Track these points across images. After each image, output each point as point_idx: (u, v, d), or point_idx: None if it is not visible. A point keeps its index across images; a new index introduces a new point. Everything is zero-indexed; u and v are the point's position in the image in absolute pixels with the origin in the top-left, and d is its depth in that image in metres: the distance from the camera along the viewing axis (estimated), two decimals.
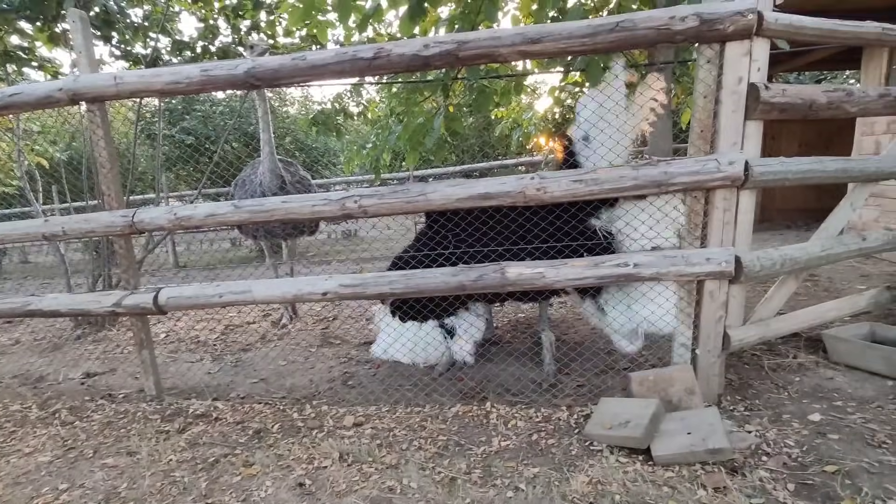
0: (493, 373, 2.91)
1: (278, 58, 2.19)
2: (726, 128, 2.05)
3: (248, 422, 2.50)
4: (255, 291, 2.47)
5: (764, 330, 2.35)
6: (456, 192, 2.20)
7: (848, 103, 2.22)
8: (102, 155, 2.48)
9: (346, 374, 3.14)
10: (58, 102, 2.43)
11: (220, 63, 2.23)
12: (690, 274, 2.14)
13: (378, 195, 2.26)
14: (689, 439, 1.90)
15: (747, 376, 2.57)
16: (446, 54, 2.08)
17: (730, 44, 1.99)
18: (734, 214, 2.13)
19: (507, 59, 2.11)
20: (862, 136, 5.88)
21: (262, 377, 3.17)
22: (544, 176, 2.14)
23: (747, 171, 2.03)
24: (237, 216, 2.38)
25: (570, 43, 2.01)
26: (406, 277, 2.35)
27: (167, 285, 2.64)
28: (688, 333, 2.25)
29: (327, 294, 2.41)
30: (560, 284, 2.23)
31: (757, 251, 2.18)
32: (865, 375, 2.48)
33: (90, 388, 3.16)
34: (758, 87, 1.99)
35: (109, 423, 2.61)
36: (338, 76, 2.21)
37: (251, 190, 3.80)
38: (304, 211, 2.32)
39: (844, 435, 2.00)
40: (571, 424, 2.24)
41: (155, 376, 2.82)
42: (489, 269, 2.28)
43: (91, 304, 2.64)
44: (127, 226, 2.47)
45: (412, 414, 2.45)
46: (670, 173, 2.06)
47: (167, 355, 3.71)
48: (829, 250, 2.37)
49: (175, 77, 2.27)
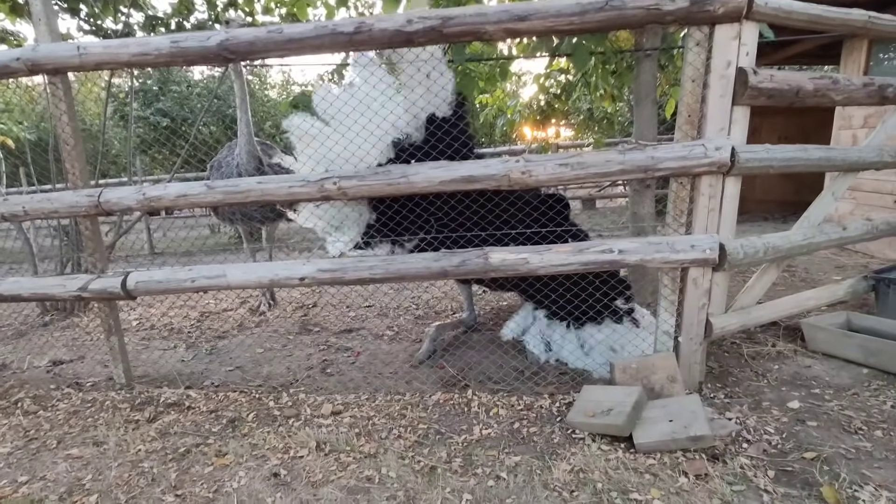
0: (474, 360, 2.87)
1: (253, 30, 2.09)
2: (714, 113, 2.02)
3: (221, 410, 2.42)
4: (230, 276, 2.38)
5: (745, 318, 2.35)
6: (439, 175, 2.13)
7: (833, 91, 2.21)
8: (66, 130, 2.35)
9: (324, 361, 3.07)
10: (15, 73, 2.28)
11: (192, 34, 2.12)
12: (675, 261, 2.12)
13: (358, 176, 2.18)
14: (670, 427, 1.89)
15: (727, 364, 2.58)
16: (430, 30, 2.00)
17: (719, 26, 1.95)
18: (719, 201, 2.11)
19: (494, 36, 2.04)
20: (840, 129, 5.97)
21: (238, 365, 3.08)
22: (529, 159, 2.08)
23: (734, 158, 2.00)
24: (211, 197, 2.28)
25: (557, 21, 1.95)
26: (387, 262, 2.29)
27: (136, 269, 2.53)
28: (671, 321, 2.24)
29: (305, 279, 2.33)
30: (544, 271, 2.19)
31: (740, 239, 2.17)
32: (842, 363, 2.51)
33: (56, 377, 3.03)
34: (746, 72, 1.96)
35: (76, 413, 2.50)
36: (316, 51, 2.12)
37: (227, 172, 3.67)
38: (281, 192, 2.23)
39: (822, 422, 2.02)
40: (554, 412, 2.22)
41: (124, 364, 2.71)
42: (472, 255, 2.22)
43: (55, 289, 2.51)
44: (93, 206, 2.34)
45: (392, 402, 2.40)
46: (657, 158, 2.02)
47: (139, 343, 3.58)
48: (811, 239, 2.37)
49: (143, 48, 2.14)
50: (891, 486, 1.63)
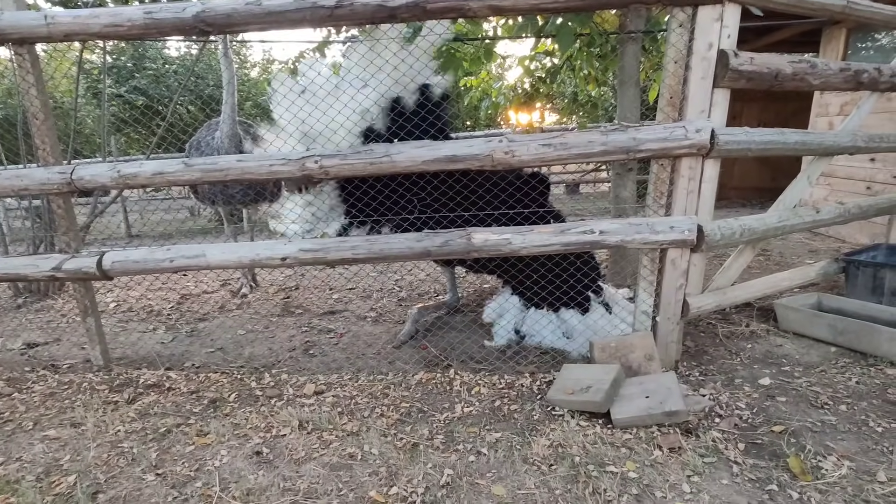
0: (457, 341, 2.89)
1: (231, 2, 2.02)
2: (695, 95, 2.04)
3: (203, 391, 2.41)
4: (210, 256, 2.35)
5: (721, 298, 2.41)
6: (422, 154, 2.12)
7: (811, 75, 2.25)
8: (34, 104, 2.26)
9: (307, 342, 3.07)
10: None
11: (167, 5, 2.05)
12: (654, 242, 2.15)
13: (340, 155, 2.15)
14: (647, 402, 1.94)
15: (703, 343, 2.65)
16: (413, 6, 1.96)
17: (702, 7, 1.96)
18: (698, 183, 2.14)
19: (478, 13, 2.01)
20: (817, 116, 6.09)
21: (220, 346, 3.05)
22: (513, 139, 2.08)
23: (713, 140, 2.03)
24: (188, 175, 2.23)
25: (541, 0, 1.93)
26: (369, 242, 2.28)
27: (112, 248, 2.47)
28: (649, 301, 2.28)
29: (287, 259, 2.31)
30: (526, 251, 2.21)
31: (718, 221, 2.21)
32: (812, 342, 2.59)
33: (31, 359, 2.97)
34: (727, 54, 1.98)
35: (52, 395, 2.46)
36: (297, 24, 2.07)
37: (207, 153, 3.59)
38: (262, 171, 2.20)
39: (791, 398, 2.09)
40: (534, 391, 2.26)
41: (102, 345, 2.66)
42: (455, 235, 2.23)
43: (28, 269, 2.44)
44: (65, 183, 2.28)
45: (375, 382, 2.41)
46: (639, 139, 2.04)
47: (116, 325, 3.52)
48: (786, 222, 2.43)
49: (115, 19, 2.06)
50: (852, 456, 1.71)
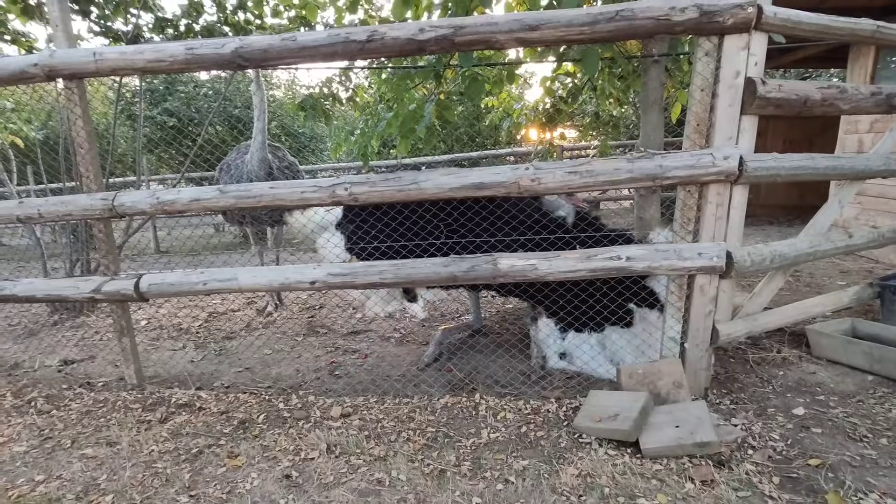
0: (481, 364, 2.90)
1: (267, 38, 2.12)
2: (722, 122, 2.04)
3: (232, 412, 2.46)
4: (241, 279, 2.41)
5: (751, 324, 2.37)
6: (449, 182, 2.16)
7: (841, 100, 2.23)
8: (80, 135, 2.38)
9: (332, 363, 3.10)
10: (32, 78, 2.31)
11: (206, 41, 2.15)
12: (682, 268, 2.14)
13: (369, 183, 2.21)
14: (676, 432, 1.92)
15: (733, 370, 2.60)
16: (442, 39, 2.02)
17: (728, 37, 1.97)
18: (727, 209, 2.13)
19: (504, 45, 2.06)
20: (846, 133, 5.97)
21: (248, 366, 3.11)
22: (539, 167, 2.11)
23: (741, 167, 2.02)
24: (223, 202, 2.31)
25: (568, 31, 1.97)
26: (396, 267, 2.31)
27: (149, 272, 2.56)
28: (677, 327, 2.26)
29: (315, 283, 2.36)
30: (552, 277, 2.22)
31: (747, 247, 2.19)
32: (847, 370, 2.52)
33: (68, 376, 3.07)
34: (755, 82, 1.98)
35: (88, 412, 2.54)
36: (329, 58, 2.14)
37: (237, 175, 3.70)
38: (293, 198, 2.26)
39: (827, 429, 2.04)
40: (560, 417, 2.25)
41: (136, 364, 2.74)
42: (481, 260, 2.25)
43: (69, 290, 2.55)
44: (107, 209, 2.38)
45: (400, 405, 2.43)
46: (665, 167, 2.04)
47: (148, 343, 3.63)
48: (817, 247, 2.39)
49: (158, 55, 2.17)
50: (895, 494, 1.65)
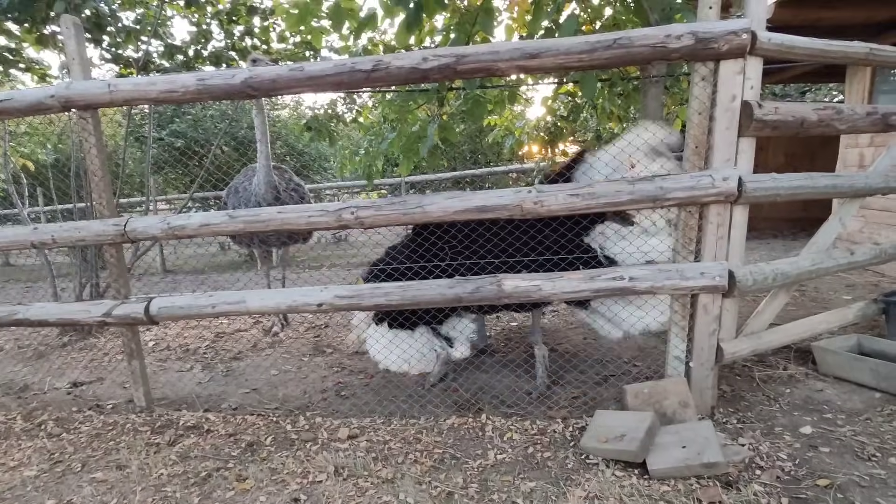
0: (487, 384, 2.91)
1: (276, 68, 2.19)
2: (720, 144, 2.08)
3: (240, 434, 2.47)
4: (249, 302, 2.45)
5: (756, 343, 2.38)
6: (453, 205, 2.20)
7: (837, 121, 2.27)
8: (94, 163, 2.45)
9: (339, 383, 3.12)
10: (49, 109, 2.39)
11: (217, 72, 2.22)
12: (685, 288, 2.16)
13: (375, 207, 2.25)
14: (683, 453, 1.92)
15: (739, 388, 2.60)
16: (445, 68, 2.09)
17: (724, 62, 2.02)
18: (727, 229, 2.16)
19: (506, 73, 2.13)
20: (846, 147, 6.01)
21: (255, 387, 3.13)
22: (542, 189, 2.15)
23: (741, 187, 2.06)
24: (232, 226, 2.36)
25: (567, 59, 2.03)
26: (402, 289, 2.35)
27: (159, 295, 2.60)
28: (682, 346, 2.27)
29: (322, 305, 2.39)
30: (556, 297, 2.24)
31: (749, 266, 2.21)
32: (854, 387, 2.52)
33: (77, 399, 3.10)
34: (751, 105, 2.03)
35: (98, 435, 2.55)
36: (336, 88, 2.21)
37: (245, 198, 3.77)
38: (301, 222, 2.31)
39: (835, 448, 2.03)
40: (567, 437, 2.25)
41: (145, 387, 2.77)
42: (486, 282, 2.28)
43: (80, 314, 2.59)
44: (119, 234, 2.43)
45: (407, 426, 2.44)
46: (665, 188, 2.08)
47: (156, 364, 3.65)
48: (819, 265, 2.41)
49: (170, 86, 2.24)
50: None
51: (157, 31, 4.66)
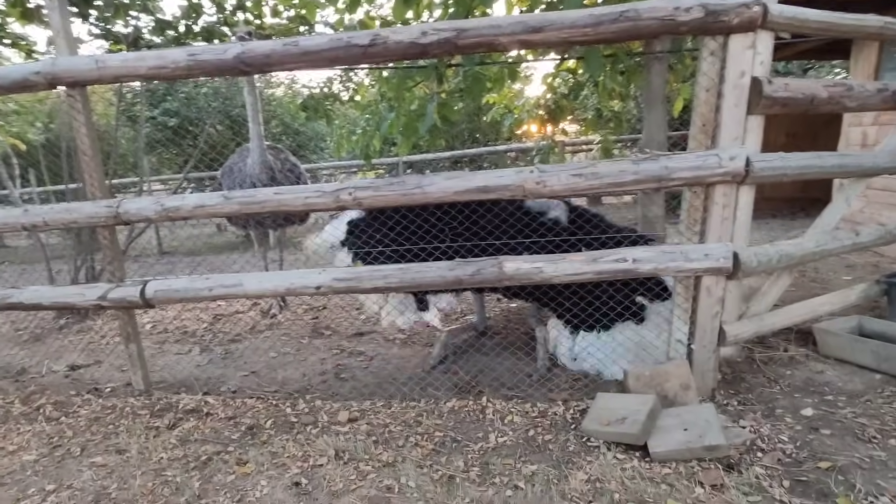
0: (487, 366, 2.90)
1: (269, 42, 2.10)
2: (728, 122, 2.03)
3: (240, 417, 2.46)
4: (247, 285, 2.41)
5: (758, 325, 2.37)
6: (453, 185, 2.15)
7: (847, 98, 2.21)
8: (84, 142, 2.38)
9: (338, 366, 3.11)
10: (35, 86, 2.31)
11: (209, 47, 2.14)
12: (689, 270, 2.13)
13: (373, 187, 2.20)
14: (685, 436, 1.91)
15: (740, 369, 2.59)
16: (445, 42, 2.01)
17: (734, 36, 1.95)
18: (733, 210, 2.12)
19: (507, 48, 2.05)
20: (849, 126, 5.93)
21: (253, 370, 3.12)
22: (543, 169, 2.10)
23: (748, 167, 2.01)
24: (228, 208, 2.31)
25: (572, 32, 1.95)
26: (402, 271, 2.31)
27: (154, 277, 2.56)
28: (684, 329, 2.25)
29: (321, 288, 2.36)
30: (558, 279, 2.21)
31: (754, 248, 2.18)
32: (854, 368, 2.51)
33: (75, 382, 3.08)
34: (761, 82, 1.96)
35: (97, 419, 2.54)
36: (331, 63, 2.13)
37: (240, 179, 3.70)
38: (297, 203, 2.26)
39: (836, 430, 2.03)
40: (568, 419, 2.24)
41: (143, 370, 2.75)
42: (486, 264, 2.24)
43: (75, 298, 2.55)
44: (112, 216, 2.38)
45: (407, 409, 2.43)
46: (671, 168, 2.03)
47: (154, 347, 3.63)
48: (823, 246, 2.38)
49: (160, 62, 2.16)
50: None
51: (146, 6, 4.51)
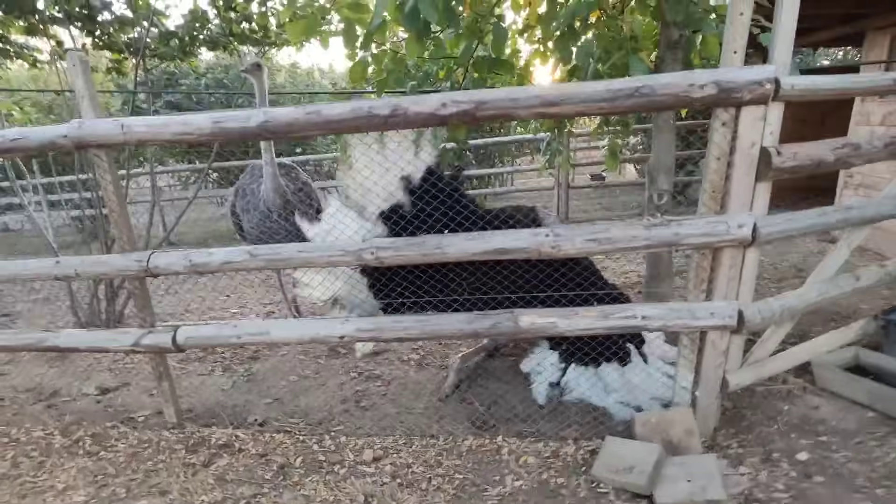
0: (500, 394, 3.05)
1: (292, 111, 2.15)
2: (737, 190, 2.10)
3: (270, 454, 2.63)
4: (273, 333, 2.54)
5: (759, 371, 2.50)
6: (471, 247, 2.24)
7: (855, 156, 2.28)
8: (112, 199, 2.45)
9: (357, 392, 3.26)
10: (62, 147, 2.37)
11: (233, 115, 2.19)
12: (695, 327, 2.25)
13: (394, 247, 2.29)
14: (689, 487, 2.07)
15: (740, 403, 2.73)
16: (463, 114, 2.06)
17: (745, 108, 2.00)
18: (739, 270, 2.21)
19: (524, 118, 2.11)
20: (857, 125, 5.94)
21: (277, 397, 3.27)
22: (559, 234, 2.18)
23: (755, 233, 2.09)
24: (254, 263, 2.41)
25: (588, 106, 2.01)
26: (421, 323, 2.43)
27: (185, 323, 2.68)
28: (689, 377, 2.38)
29: (344, 337, 2.48)
30: (571, 333, 2.33)
31: (758, 303, 2.29)
32: (849, 404, 2.65)
33: (108, 409, 3.25)
34: (770, 153, 2.03)
35: (135, 454, 2.71)
36: (353, 130, 2.20)
37: (253, 204, 3.78)
38: (321, 261, 2.36)
39: (828, 477, 2.18)
40: (579, 461, 2.40)
41: (175, 405, 2.91)
42: (503, 318, 2.36)
43: (109, 343, 2.68)
44: (142, 270, 2.48)
45: (427, 447, 2.59)
46: (681, 234, 2.12)
47: (178, 367, 3.78)
48: (825, 294, 2.48)
49: (185, 128, 2.22)
50: None
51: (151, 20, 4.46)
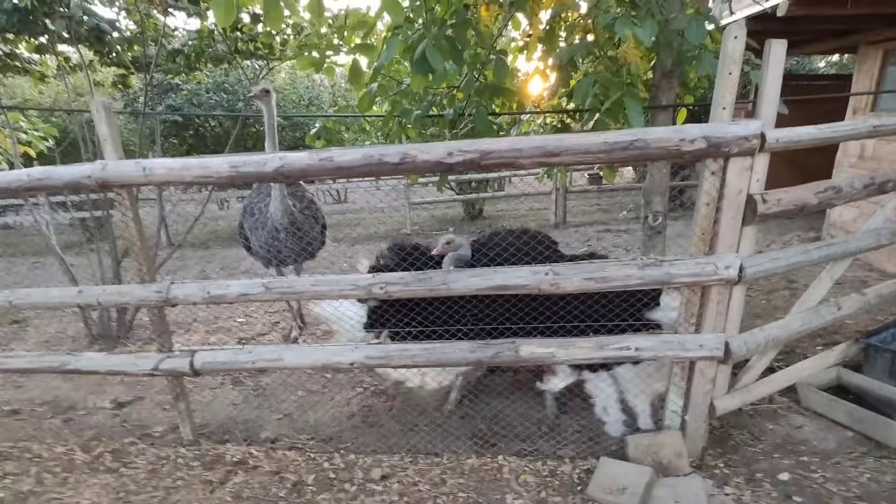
0: (500, 411, 3.21)
1: (306, 156, 2.28)
2: (725, 233, 2.24)
3: (283, 472, 2.78)
4: (286, 359, 2.68)
5: (745, 397, 2.66)
6: (475, 283, 2.38)
7: (836, 198, 2.42)
8: (133, 234, 2.58)
9: (364, 407, 3.42)
10: (86, 188, 2.49)
11: (250, 159, 2.31)
12: (685, 357, 2.40)
13: (403, 282, 2.43)
14: None
15: (728, 422, 2.90)
16: (469, 162, 2.19)
17: (733, 159, 2.14)
18: (726, 306, 2.36)
19: (527, 167, 2.24)
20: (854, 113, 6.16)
21: (286, 412, 3.42)
22: (558, 272, 2.32)
23: (741, 273, 2.24)
24: (269, 295, 2.55)
25: (586, 157, 2.15)
26: (427, 351, 2.57)
27: (202, 347, 2.82)
28: (679, 402, 2.54)
29: (354, 364, 2.63)
30: (568, 362, 2.48)
31: (744, 335, 2.44)
32: (830, 424, 2.83)
33: (124, 424, 3.39)
34: (755, 200, 2.17)
35: (154, 471, 2.86)
36: (363, 175, 2.32)
37: (262, 223, 3.90)
38: (333, 294, 2.50)
39: (807, 497, 2.35)
40: (575, 480, 2.57)
41: (191, 424, 3.05)
42: (504, 347, 2.51)
43: (129, 367, 2.82)
44: (161, 301, 2.62)
45: (432, 465, 2.75)
46: (672, 274, 2.26)
47: (189, 380, 3.91)
48: (808, 324, 2.64)
49: (204, 171, 2.34)
50: None
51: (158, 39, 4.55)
